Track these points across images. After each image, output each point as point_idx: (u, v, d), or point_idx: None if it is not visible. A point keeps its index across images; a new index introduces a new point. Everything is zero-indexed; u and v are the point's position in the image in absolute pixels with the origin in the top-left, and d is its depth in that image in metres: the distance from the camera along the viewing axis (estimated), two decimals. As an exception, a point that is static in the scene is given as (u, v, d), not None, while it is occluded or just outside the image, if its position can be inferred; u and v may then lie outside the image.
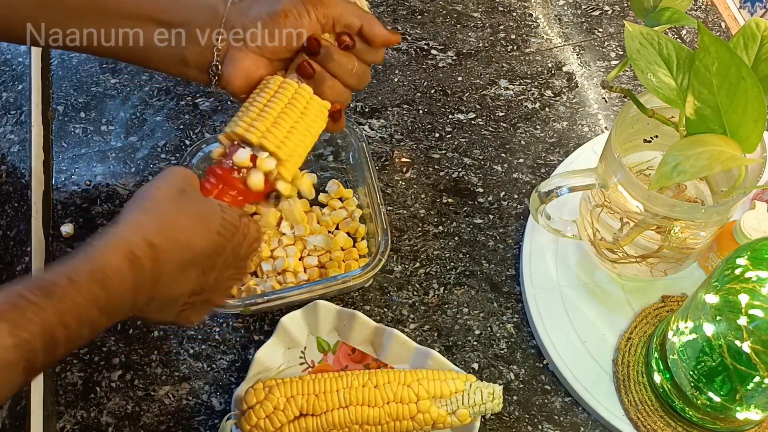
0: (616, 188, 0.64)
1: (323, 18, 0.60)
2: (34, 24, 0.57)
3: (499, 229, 0.81)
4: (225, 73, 0.59)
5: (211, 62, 0.59)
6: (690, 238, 0.66)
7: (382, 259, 0.71)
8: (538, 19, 0.98)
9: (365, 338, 0.72)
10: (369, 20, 0.61)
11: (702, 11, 0.99)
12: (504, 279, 0.78)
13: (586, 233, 0.72)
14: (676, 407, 0.67)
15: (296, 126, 0.59)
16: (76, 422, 0.70)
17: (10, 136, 0.85)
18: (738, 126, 0.56)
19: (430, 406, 0.64)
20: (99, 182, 0.84)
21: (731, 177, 0.64)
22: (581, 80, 0.92)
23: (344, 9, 0.60)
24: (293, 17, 0.59)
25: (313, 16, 0.59)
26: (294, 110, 0.59)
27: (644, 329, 0.73)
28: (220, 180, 0.57)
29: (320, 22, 0.60)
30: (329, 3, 0.60)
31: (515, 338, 0.75)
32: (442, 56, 0.94)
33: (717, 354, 0.58)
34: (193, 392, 0.72)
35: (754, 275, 0.56)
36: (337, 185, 0.81)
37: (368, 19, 0.61)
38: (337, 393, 0.64)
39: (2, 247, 0.78)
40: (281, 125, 0.58)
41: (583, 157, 0.83)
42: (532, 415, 0.71)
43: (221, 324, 0.75)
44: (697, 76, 0.56)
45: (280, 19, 0.58)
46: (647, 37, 0.59)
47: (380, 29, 0.61)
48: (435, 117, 0.89)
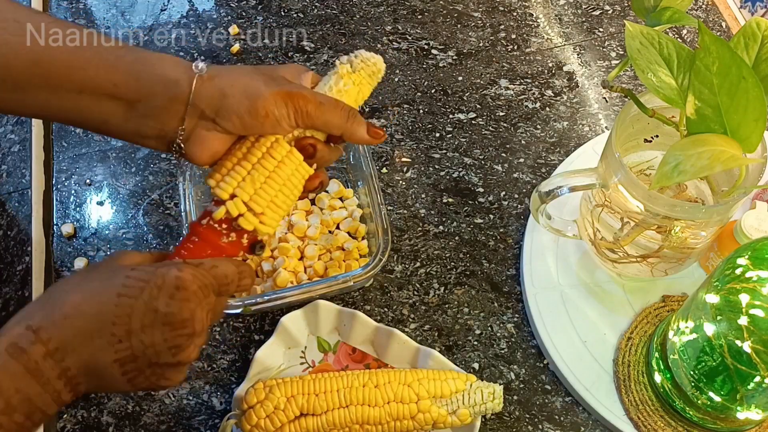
0: (617, 188, 0.64)
1: (303, 125, 0.57)
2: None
3: (500, 228, 0.81)
4: (190, 151, 0.56)
5: (173, 140, 0.55)
6: (691, 237, 0.66)
7: (383, 258, 0.71)
8: (539, 18, 0.98)
9: (366, 338, 0.72)
10: (350, 130, 0.58)
11: (702, 11, 0.99)
12: (504, 279, 0.78)
13: (587, 233, 0.72)
14: (677, 407, 0.67)
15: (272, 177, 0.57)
16: (77, 422, 0.70)
17: (11, 136, 0.85)
18: (739, 126, 0.56)
19: (431, 406, 0.64)
20: (99, 182, 0.84)
21: (732, 177, 0.64)
22: (582, 80, 0.92)
23: (327, 122, 0.57)
24: (273, 118, 0.55)
25: (293, 120, 0.56)
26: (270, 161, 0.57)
27: (645, 329, 0.73)
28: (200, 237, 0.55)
29: (298, 125, 0.57)
30: (315, 114, 0.56)
31: (516, 338, 0.75)
32: (443, 56, 0.94)
33: (717, 354, 0.58)
34: (194, 392, 0.72)
35: (754, 275, 0.56)
36: (337, 185, 0.81)
37: (350, 129, 0.58)
38: (337, 393, 0.64)
39: (2, 247, 0.78)
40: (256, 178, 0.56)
41: (584, 156, 0.83)
42: (532, 415, 0.71)
43: (222, 324, 0.75)
44: (698, 76, 0.56)
45: (259, 117, 0.55)
46: (648, 36, 0.59)
47: (361, 136, 0.59)
48: (435, 117, 0.89)
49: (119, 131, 0.55)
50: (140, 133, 0.55)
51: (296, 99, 0.55)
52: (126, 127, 0.55)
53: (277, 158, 0.57)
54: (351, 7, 0.98)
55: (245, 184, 0.55)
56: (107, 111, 0.54)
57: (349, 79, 0.60)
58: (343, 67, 0.60)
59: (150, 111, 0.54)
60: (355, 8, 0.98)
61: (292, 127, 0.57)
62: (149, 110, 0.54)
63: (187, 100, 0.54)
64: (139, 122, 0.54)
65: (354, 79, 0.60)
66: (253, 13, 0.97)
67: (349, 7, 0.98)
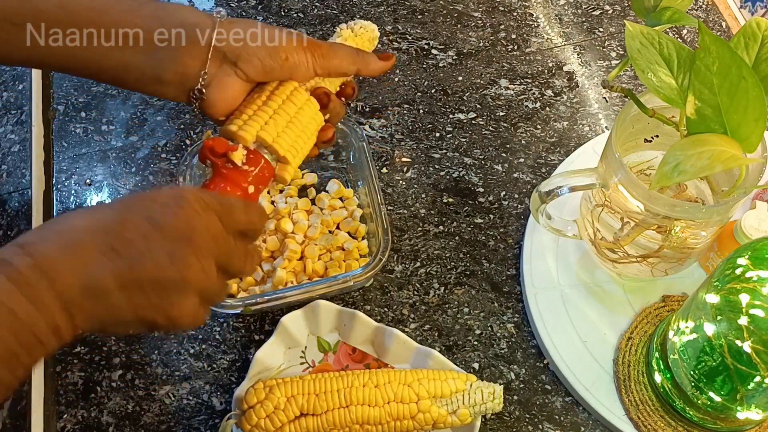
0: (617, 188, 0.64)
1: (320, 69, 0.59)
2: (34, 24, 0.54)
3: (500, 228, 0.81)
4: (211, 98, 0.57)
5: (193, 86, 0.56)
6: (691, 237, 0.66)
7: (383, 258, 0.71)
8: (539, 18, 0.98)
9: (366, 338, 0.72)
10: (363, 62, 0.61)
11: (702, 11, 0.99)
12: (504, 279, 0.78)
13: (587, 233, 0.72)
14: (677, 407, 0.67)
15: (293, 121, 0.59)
16: (77, 422, 0.70)
17: (11, 136, 0.85)
18: (739, 126, 0.56)
19: (431, 406, 0.64)
20: (99, 182, 0.84)
21: (732, 177, 0.64)
22: (582, 80, 0.92)
23: (341, 60, 0.60)
24: (292, 61, 0.57)
25: (311, 65, 0.58)
26: (291, 107, 0.59)
27: (645, 329, 0.73)
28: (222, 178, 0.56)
29: (315, 72, 0.59)
30: (328, 55, 0.59)
31: (516, 338, 0.75)
32: (443, 56, 0.94)
33: (718, 354, 0.58)
34: (194, 392, 0.72)
35: (754, 275, 0.56)
36: (337, 185, 0.81)
37: (362, 62, 0.61)
38: (337, 393, 0.64)
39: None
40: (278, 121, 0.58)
41: (584, 156, 0.83)
42: (532, 415, 0.71)
43: (222, 324, 0.75)
44: (698, 76, 0.56)
45: (279, 60, 0.57)
46: (648, 36, 0.59)
47: (375, 65, 0.62)
48: (435, 117, 0.89)
49: (139, 78, 0.56)
50: (161, 79, 0.56)
51: (311, 44, 0.59)
52: (147, 73, 0.55)
53: (297, 104, 0.59)
54: (351, 7, 0.98)
55: (268, 127, 0.57)
56: (129, 57, 0.54)
57: (353, 41, 0.64)
58: (345, 31, 0.64)
59: (172, 55, 0.55)
60: (355, 8, 0.98)
61: (309, 73, 0.59)
62: (171, 54, 0.55)
63: (210, 42, 0.55)
64: (160, 67, 0.55)
65: (357, 42, 0.65)
66: (253, 13, 0.97)
67: (349, 7, 0.98)
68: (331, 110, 0.61)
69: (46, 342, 0.43)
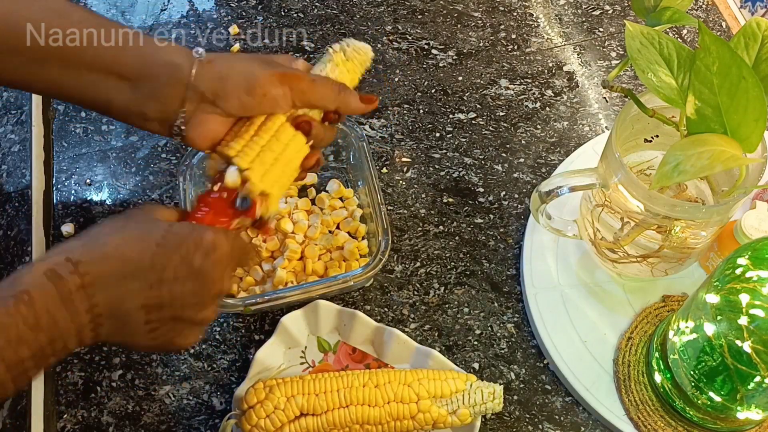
0: (617, 188, 0.64)
1: (299, 103, 0.59)
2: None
3: (500, 228, 0.81)
4: (190, 134, 0.58)
5: (174, 122, 0.57)
6: (691, 237, 0.66)
7: (383, 258, 0.71)
8: (539, 18, 0.98)
9: (366, 338, 0.72)
10: (344, 102, 0.61)
11: (703, 11, 0.99)
12: (504, 279, 0.78)
13: (587, 233, 0.72)
14: (677, 407, 0.67)
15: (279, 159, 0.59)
16: (77, 422, 0.70)
17: (11, 136, 0.85)
18: (739, 125, 0.56)
19: (431, 406, 0.64)
20: (99, 182, 0.84)
21: (732, 177, 0.64)
22: (582, 80, 0.92)
23: (321, 98, 0.60)
24: (271, 97, 0.57)
25: (290, 99, 0.58)
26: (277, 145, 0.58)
27: (645, 329, 0.73)
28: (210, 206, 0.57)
29: (295, 105, 0.59)
30: (309, 91, 0.59)
31: (516, 338, 0.75)
32: (443, 56, 0.94)
33: (718, 354, 0.58)
34: (194, 392, 0.72)
35: (754, 275, 0.56)
36: (337, 185, 0.81)
37: (343, 101, 0.61)
38: (337, 393, 0.64)
39: (3, 247, 0.78)
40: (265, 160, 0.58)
41: (584, 156, 0.83)
42: (532, 415, 0.71)
43: (222, 324, 0.75)
44: (698, 76, 0.56)
45: (258, 97, 0.57)
46: (648, 36, 0.59)
47: (356, 105, 0.61)
48: (435, 116, 0.89)
49: (123, 112, 0.57)
50: (143, 115, 0.57)
51: (291, 78, 0.58)
52: (129, 108, 0.57)
53: (283, 142, 0.59)
54: (351, 7, 0.98)
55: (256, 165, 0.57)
56: (113, 90, 0.56)
57: (344, 67, 0.63)
58: (337, 55, 0.63)
59: (153, 92, 0.56)
60: (355, 8, 0.98)
61: (290, 106, 0.59)
62: (152, 91, 0.56)
63: (187, 83, 0.56)
64: (142, 103, 0.57)
65: (348, 67, 0.63)
66: (253, 13, 0.97)
67: (349, 7, 0.98)
68: (314, 137, 0.61)
69: (71, 348, 0.49)
